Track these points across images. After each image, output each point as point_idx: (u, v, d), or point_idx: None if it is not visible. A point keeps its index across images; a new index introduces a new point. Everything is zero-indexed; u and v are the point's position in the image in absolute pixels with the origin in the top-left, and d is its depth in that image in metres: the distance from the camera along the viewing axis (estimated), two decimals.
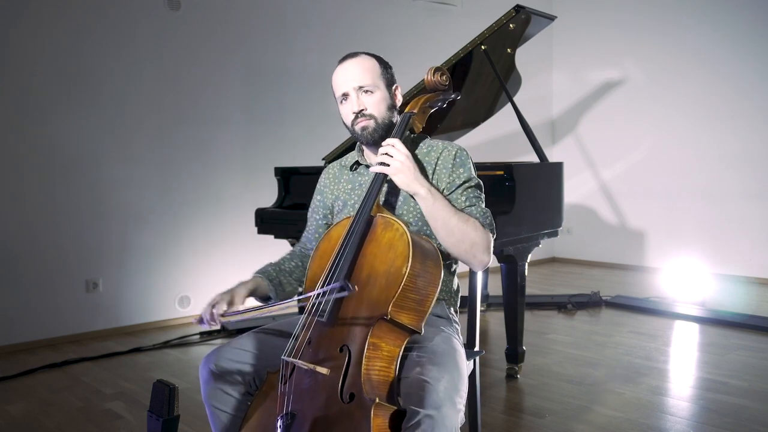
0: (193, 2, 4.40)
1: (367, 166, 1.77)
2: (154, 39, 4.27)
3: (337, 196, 1.83)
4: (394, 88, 1.74)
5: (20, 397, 3.06)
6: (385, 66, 1.73)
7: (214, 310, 1.57)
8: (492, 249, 1.64)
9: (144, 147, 4.27)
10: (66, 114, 3.97)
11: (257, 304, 1.65)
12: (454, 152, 1.72)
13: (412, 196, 1.65)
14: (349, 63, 1.70)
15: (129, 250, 4.22)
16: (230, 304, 1.60)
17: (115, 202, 4.16)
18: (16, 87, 3.81)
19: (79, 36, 3.99)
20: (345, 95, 1.69)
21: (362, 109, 1.66)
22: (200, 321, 1.59)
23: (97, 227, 4.09)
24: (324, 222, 1.87)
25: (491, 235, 1.64)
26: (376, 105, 1.67)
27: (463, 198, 1.68)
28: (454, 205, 1.62)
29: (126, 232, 4.21)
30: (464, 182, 1.69)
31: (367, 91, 1.67)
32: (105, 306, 4.14)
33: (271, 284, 1.73)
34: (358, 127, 1.69)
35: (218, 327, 1.56)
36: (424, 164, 1.72)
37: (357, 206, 1.72)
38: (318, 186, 1.90)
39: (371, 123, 1.67)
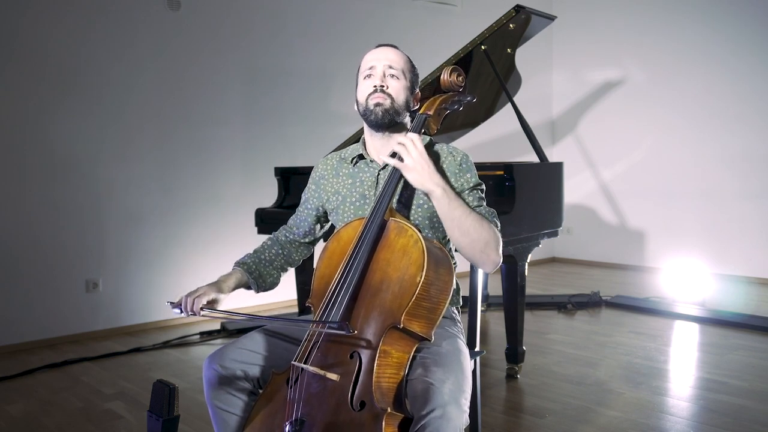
0: (193, 2, 4.40)
1: (371, 161, 1.75)
2: (154, 39, 4.27)
3: (336, 189, 1.79)
4: (415, 91, 1.76)
5: (20, 397, 3.06)
6: (413, 67, 1.77)
7: (197, 301, 1.59)
8: (501, 247, 1.62)
9: (144, 147, 4.27)
10: (66, 114, 3.96)
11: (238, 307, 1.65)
12: (459, 158, 1.73)
13: (422, 199, 1.65)
14: (386, 47, 1.74)
15: (129, 250, 4.22)
16: (213, 300, 1.63)
17: (115, 202, 4.16)
18: (16, 86, 3.81)
19: (79, 36, 3.99)
20: (372, 68, 1.69)
21: (383, 85, 1.67)
22: (177, 307, 1.59)
23: (97, 227, 4.09)
24: (315, 213, 1.86)
25: (499, 233, 1.63)
26: (396, 90, 1.68)
27: (471, 198, 1.68)
28: (468, 205, 1.59)
29: (126, 232, 4.21)
30: (473, 186, 1.70)
31: (393, 75, 1.69)
32: (105, 306, 4.14)
33: (251, 277, 1.76)
34: (372, 102, 1.67)
35: (194, 317, 1.61)
36: None
37: (358, 203, 1.73)
38: (313, 175, 1.87)
39: (387, 101, 1.66)
